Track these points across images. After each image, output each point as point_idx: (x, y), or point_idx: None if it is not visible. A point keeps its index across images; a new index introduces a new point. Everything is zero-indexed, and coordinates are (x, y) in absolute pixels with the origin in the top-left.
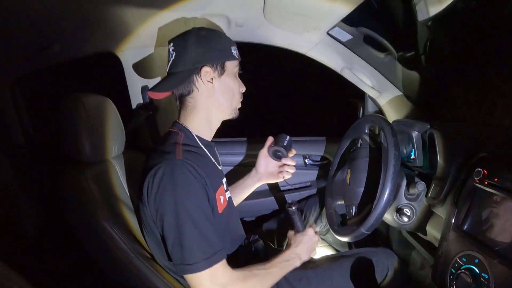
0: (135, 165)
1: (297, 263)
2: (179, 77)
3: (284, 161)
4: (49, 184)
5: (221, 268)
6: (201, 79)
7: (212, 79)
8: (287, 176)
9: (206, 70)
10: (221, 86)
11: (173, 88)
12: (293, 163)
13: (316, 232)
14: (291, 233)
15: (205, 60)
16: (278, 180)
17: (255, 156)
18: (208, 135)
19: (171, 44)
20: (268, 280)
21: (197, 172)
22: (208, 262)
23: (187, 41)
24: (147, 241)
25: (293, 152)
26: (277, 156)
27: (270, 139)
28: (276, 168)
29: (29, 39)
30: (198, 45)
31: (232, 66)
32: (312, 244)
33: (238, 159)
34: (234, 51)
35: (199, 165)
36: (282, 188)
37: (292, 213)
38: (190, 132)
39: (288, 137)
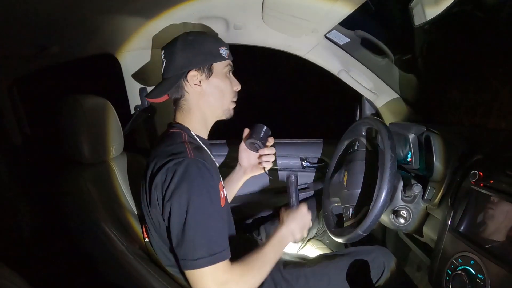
0: (133, 166)
1: (290, 240)
2: (169, 82)
3: (260, 152)
4: (47, 185)
5: (224, 266)
6: (188, 83)
7: (200, 82)
8: (268, 166)
9: (193, 74)
10: (210, 87)
11: (164, 94)
12: (271, 152)
13: (308, 210)
14: (283, 210)
15: (191, 65)
16: (261, 172)
17: None
18: (205, 134)
19: (163, 51)
20: (265, 268)
21: (209, 170)
22: (213, 259)
23: (174, 48)
24: (150, 240)
25: (270, 141)
26: (254, 148)
27: (246, 131)
28: (258, 159)
29: (27, 39)
30: (184, 51)
31: (221, 67)
32: (305, 222)
33: (229, 159)
34: (223, 51)
35: (208, 163)
36: (279, 189)
37: (290, 184)
38: (190, 131)
39: (264, 127)
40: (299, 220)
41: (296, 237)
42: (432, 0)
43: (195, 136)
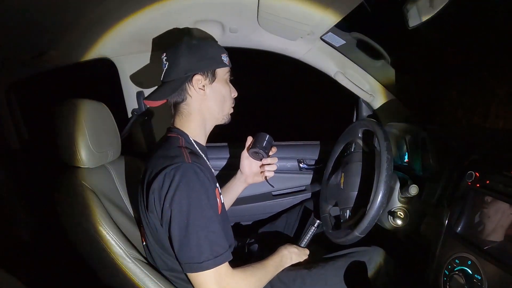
0: (131, 170)
1: (289, 262)
2: (172, 86)
3: (263, 161)
4: (45, 189)
5: (226, 268)
6: (193, 86)
7: (203, 86)
8: (270, 175)
9: (197, 78)
10: (213, 92)
11: (167, 97)
12: (273, 162)
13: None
14: (290, 244)
15: (196, 69)
16: (262, 180)
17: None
18: (203, 140)
19: (164, 54)
20: (266, 277)
21: (205, 174)
22: (216, 261)
23: (178, 51)
24: (147, 244)
25: (273, 150)
26: (257, 157)
27: (249, 139)
28: (259, 168)
29: (25, 44)
30: (189, 55)
31: (223, 73)
32: (301, 258)
33: (227, 163)
34: (225, 58)
35: (205, 168)
36: (277, 193)
37: (312, 226)
38: (188, 136)
39: (267, 136)
40: (299, 255)
41: (293, 260)
42: (426, 2)
43: (193, 141)
